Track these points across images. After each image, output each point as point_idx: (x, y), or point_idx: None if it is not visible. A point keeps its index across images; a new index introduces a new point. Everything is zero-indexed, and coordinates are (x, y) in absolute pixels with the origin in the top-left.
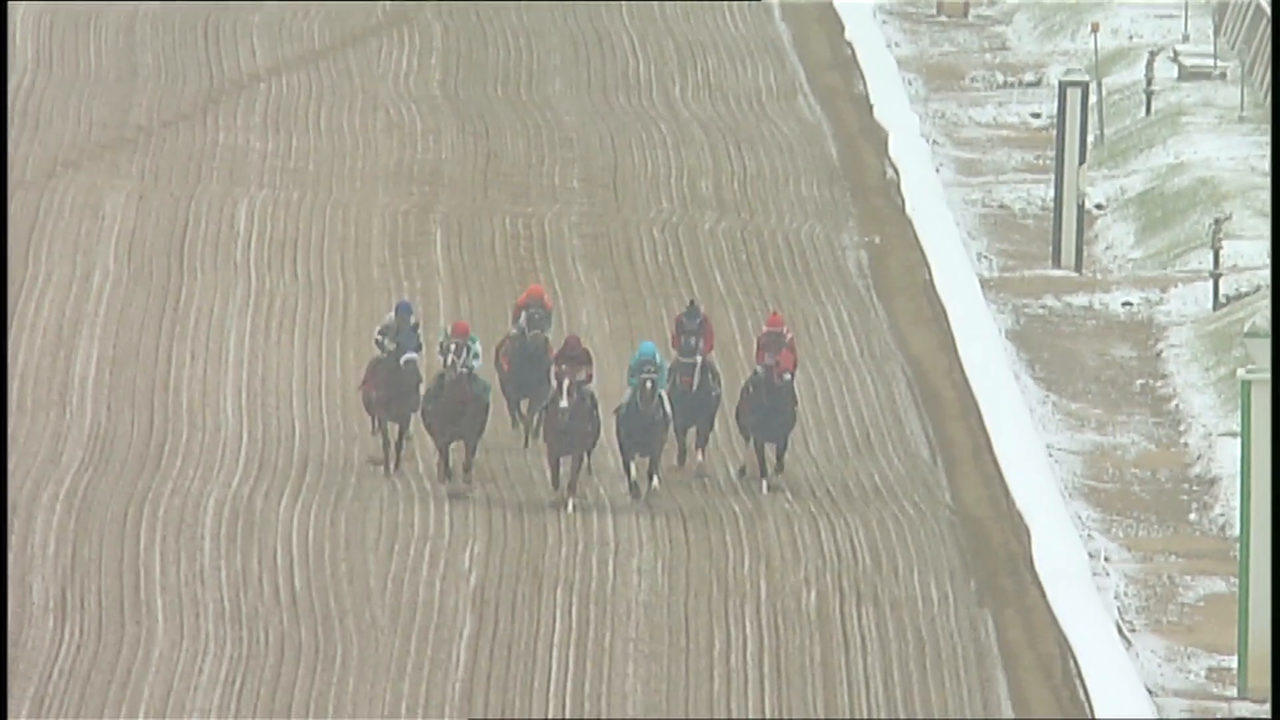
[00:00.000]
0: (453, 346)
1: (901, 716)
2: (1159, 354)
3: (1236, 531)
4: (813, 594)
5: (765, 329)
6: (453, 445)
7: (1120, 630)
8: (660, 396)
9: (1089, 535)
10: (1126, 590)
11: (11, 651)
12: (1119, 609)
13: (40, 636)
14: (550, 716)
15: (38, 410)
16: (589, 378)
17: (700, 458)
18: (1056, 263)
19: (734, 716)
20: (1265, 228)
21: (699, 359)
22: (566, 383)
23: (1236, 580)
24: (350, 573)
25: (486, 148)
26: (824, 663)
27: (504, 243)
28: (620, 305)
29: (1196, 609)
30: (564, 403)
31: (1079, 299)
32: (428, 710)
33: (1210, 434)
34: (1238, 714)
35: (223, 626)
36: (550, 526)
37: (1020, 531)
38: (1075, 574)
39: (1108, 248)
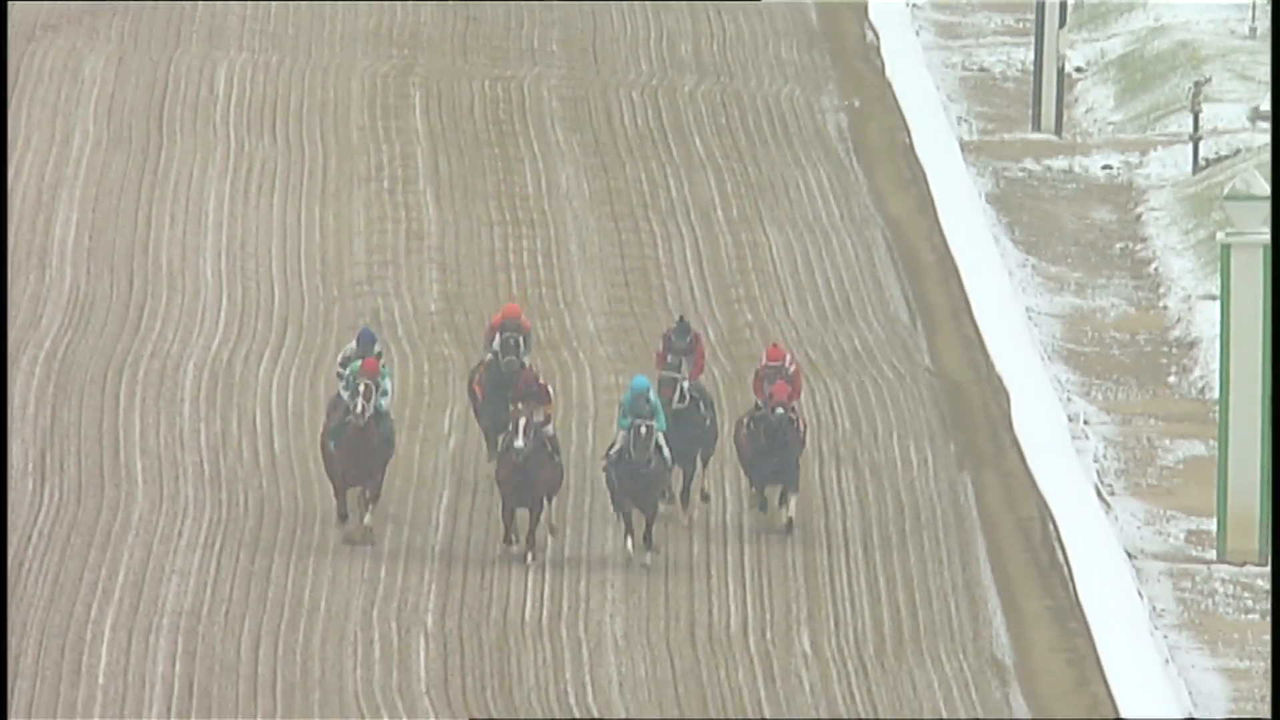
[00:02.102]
0: (361, 387)
1: (880, 579)
2: (1138, 217)
3: (1216, 394)
4: None
5: (764, 361)
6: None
7: (1099, 493)
8: (658, 443)
9: (1068, 398)
10: (1105, 453)
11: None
12: (1098, 472)
13: (19, 499)
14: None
15: (17, 273)
16: (547, 418)
17: (687, 514)
18: (1036, 126)
19: (712, 575)
20: (1245, 91)
21: (682, 376)
22: (523, 422)
23: (1216, 443)
24: None
25: (465, 11)
26: (803, 525)
27: (483, 106)
28: (599, 169)
29: (1175, 472)
30: (519, 442)
31: (1059, 162)
32: (409, 562)
33: (1189, 297)
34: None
35: (202, 489)
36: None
37: (999, 395)
38: (1054, 437)
39: (1087, 111)
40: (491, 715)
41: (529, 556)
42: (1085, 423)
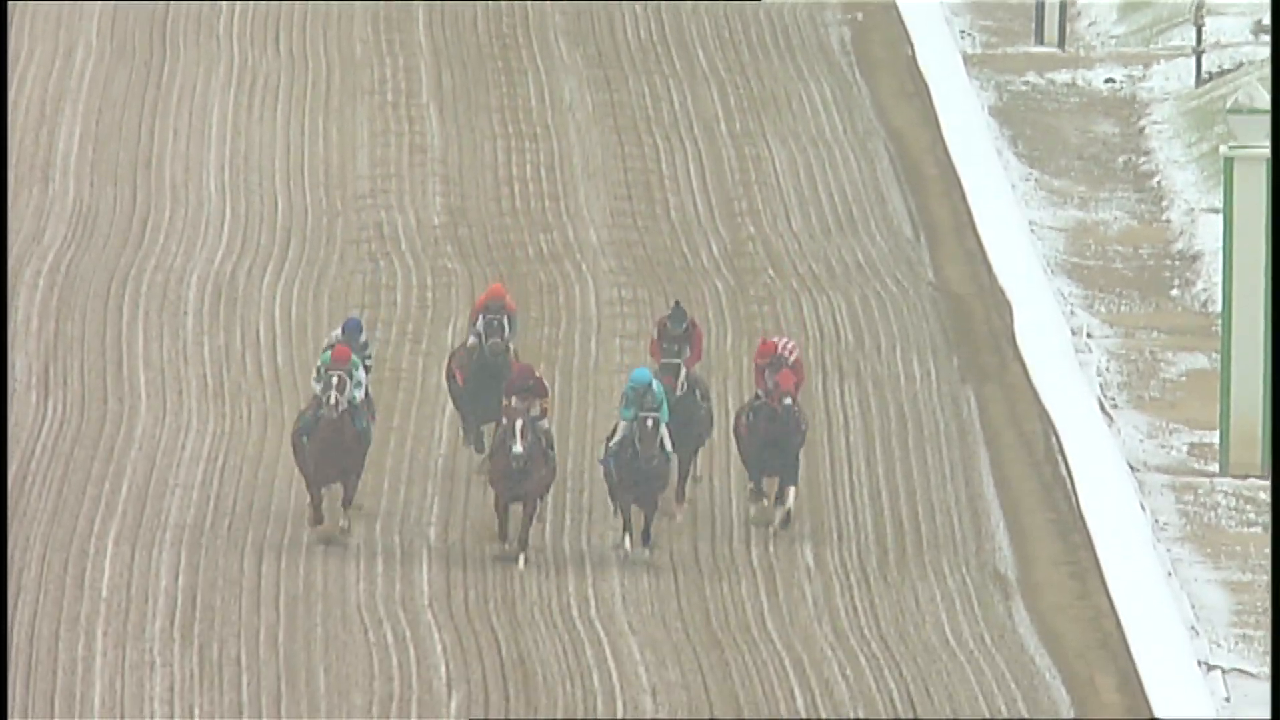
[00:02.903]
0: (334, 379)
1: (883, 492)
2: (1141, 130)
3: (1218, 307)
4: None
5: (756, 360)
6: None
7: (1102, 406)
8: (662, 439)
9: (1071, 311)
10: (1108, 366)
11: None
12: (1101, 385)
13: (23, 413)
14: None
15: (20, 187)
16: (544, 412)
17: (681, 511)
18: (1039, 39)
19: (715, 487)
20: (1247, 4)
21: (682, 368)
22: (519, 423)
23: (1218, 356)
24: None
25: None
26: (807, 439)
27: (486, 19)
28: (602, 82)
29: (1178, 385)
30: (517, 447)
31: (1062, 75)
32: (412, 477)
33: (1192, 210)
34: None
35: (205, 403)
36: (534, 303)
37: (1002, 308)
38: (1057, 350)
39: (1090, 24)
40: (494, 628)
41: (521, 559)
42: (1088, 336)
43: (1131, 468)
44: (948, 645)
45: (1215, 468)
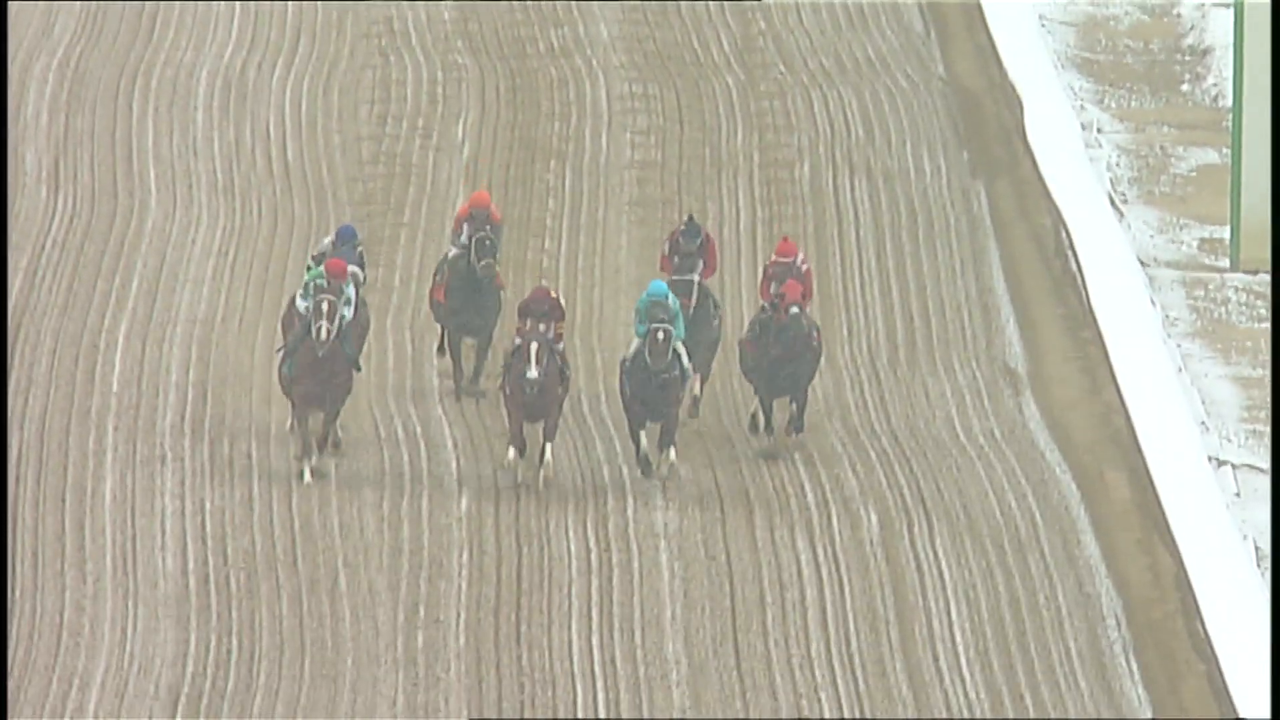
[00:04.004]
0: (324, 305)
1: (893, 288)
2: None
3: (1229, 102)
4: (805, 166)
5: (774, 258)
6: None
7: (1112, 201)
8: (676, 351)
9: (1081, 106)
10: (1119, 161)
11: (8, 222)
12: (1111, 180)
13: (33, 207)
14: (545, 282)
15: None
16: (559, 336)
17: (696, 413)
18: None
19: (725, 282)
20: None
21: (696, 279)
22: (535, 347)
23: (1229, 151)
24: (342, 145)
25: None
26: (816, 234)
27: None
28: None
29: (1189, 179)
30: (532, 373)
31: None
32: (425, 261)
33: (1203, 4)
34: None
35: (215, 198)
36: (544, 99)
37: (1013, 102)
38: (1068, 145)
39: None
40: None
41: (542, 478)
42: (1099, 130)
43: (1141, 263)
44: (958, 440)
45: (1225, 263)
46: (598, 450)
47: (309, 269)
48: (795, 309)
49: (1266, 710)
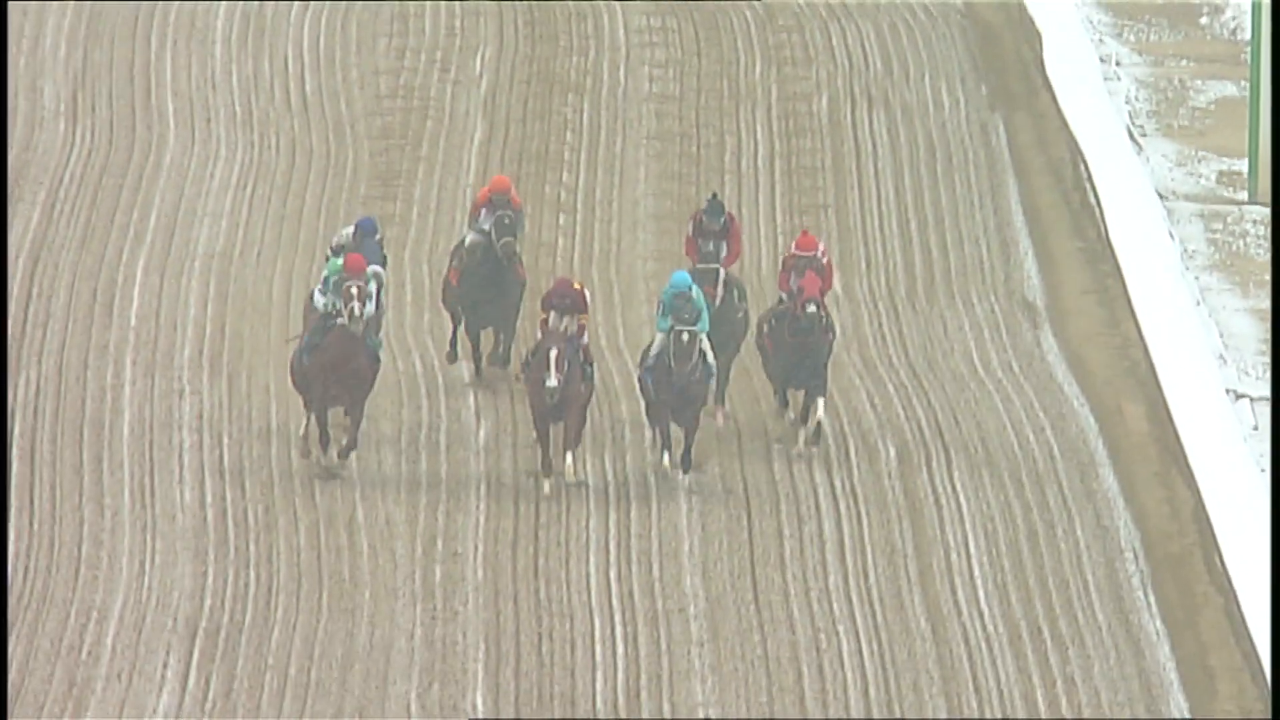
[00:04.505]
0: (354, 289)
1: (911, 220)
2: None
3: (1247, 35)
4: (824, 98)
5: (794, 250)
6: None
7: (1131, 134)
8: (703, 352)
9: (1100, 39)
10: (1137, 94)
11: (23, 155)
12: (1129, 113)
13: (51, 140)
14: (560, 219)
15: None
16: (582, 329)
17: (723, 416)
18: None
19: (743, 216)
20: None
21: (721, 271)
22: (554, 353)
23: (1247, 84)
24: (361, 78)
25: None
26: (834, 167)
27: None
28: None
29: (1207, 112)
30: (551, 381)
31: None
32: (441, 198)
33: None
34: None
35: (234, 131)
36: (562, 33)
37: (1032, 36)
38: (1086, 78)
39: None
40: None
41: (569, 462)
42: (1117, 64)
43: (1160, 195)
44: (976, 373)
45: (1244, 195)
46: (615, 386)
47: (328, 258)
48: (813, 307)
49: None
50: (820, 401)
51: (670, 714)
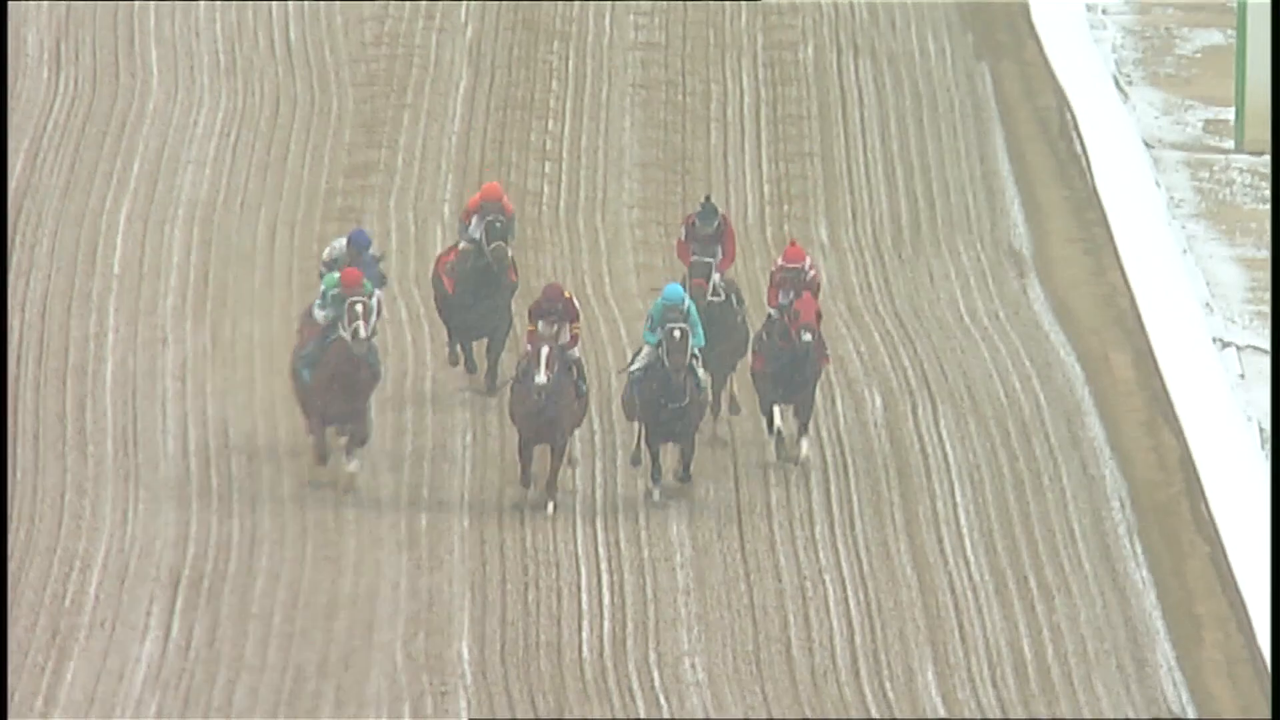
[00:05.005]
0: (358, 306)
1: (898, 169)
2: None
3: None
4: (810, 47)
5: (781, 263)
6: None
7: (1117, 83)
8: (694, 364)
9: None
10: (1123, 42)
11: (9, 104)
12: (1116, 61)
13: (35, 88)
14: (546, 174)
15: None
16: (574, 339)
17: (737, 410)
18: None
19: (729, 164)
20: None
21: (714, 271)
22: (545, 351)
23: (1234, 32)
24: (345, 26)
25: None
26: (821, 115)
27: None
28: None
29: (1193, 61)
30: (540, 378)
31: None
32: (425, 151)
33: None
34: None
35: (218, 79)
36: None
37: None
38: (1073, 26)
39: None
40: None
41: (550, 505)
42: (1104, 12)
43: (1146, 144)
44: (962, 321)
45: (1230, 144)
46: (602, 335)
47: (321, 275)
48: (809, 335)
49: (1267, 592)
50: (805, 441)
51: (656, 662)
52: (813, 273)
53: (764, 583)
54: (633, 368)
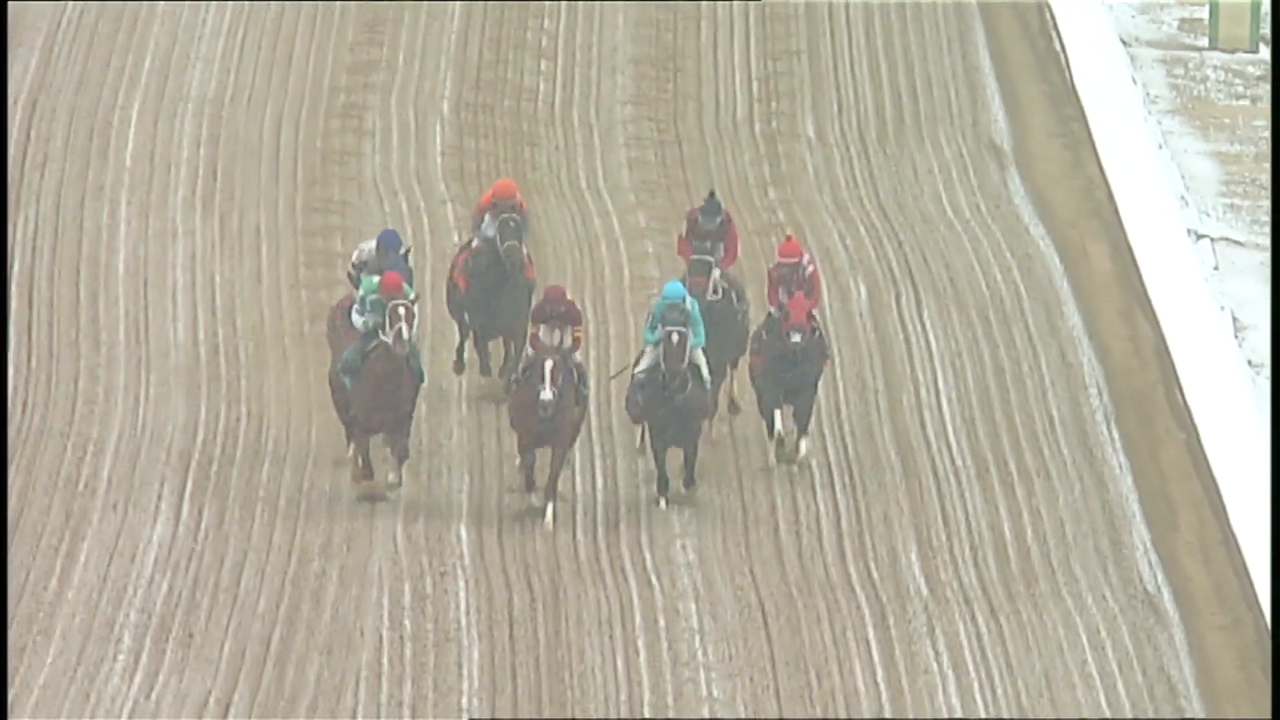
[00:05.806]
0: (400, 309)
1: (882, 65)
2: None
3: None
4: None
5: (778, 259)
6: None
7: None
8: (698, 364)
9: None
10: None
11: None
12: None
13: None
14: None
15: None
16: (576, 343)
17: (713, 427)
18: None
19: (719, 61)
20: None
21: (715, 269)
22: (549, 366)
23: None
24: None
25: None
26: (807, 15)
27: None
28: None
29: None
30: (546, 394)
31: None
32: (420, 118)
33: None
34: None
35: None
36: None
37: None
38: None
39: None
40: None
41: (550, 510)
42: None
43: (1123, 41)
44: (945, 215)
45: (1205, 41)
46: (595, 228)
47: (350, 276)
48: (797, 337)
49: (1239, 477)
50: (804, 441)
51: (648, 544)
52: (810, 268)
53: (752, 467)
54: (637, 369)
